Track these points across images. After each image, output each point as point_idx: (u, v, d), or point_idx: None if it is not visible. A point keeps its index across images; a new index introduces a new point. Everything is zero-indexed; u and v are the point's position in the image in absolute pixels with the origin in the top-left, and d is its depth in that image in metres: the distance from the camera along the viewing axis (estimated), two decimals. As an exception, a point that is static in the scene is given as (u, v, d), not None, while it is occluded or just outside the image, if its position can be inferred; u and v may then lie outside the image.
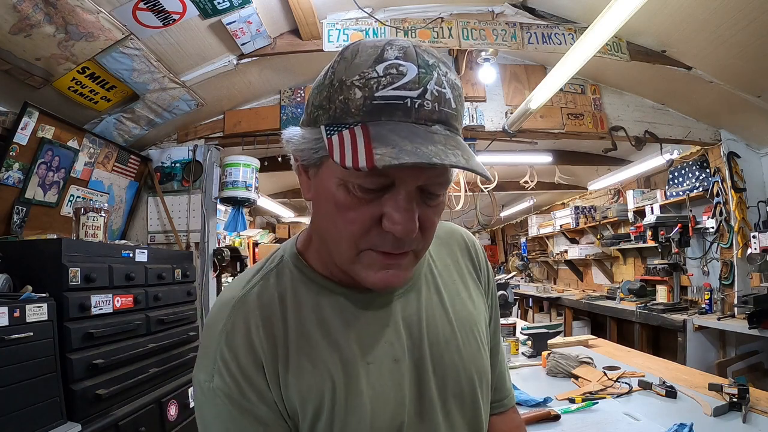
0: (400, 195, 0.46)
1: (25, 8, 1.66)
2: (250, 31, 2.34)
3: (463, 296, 0.65)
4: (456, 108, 0.47)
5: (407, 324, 0.58)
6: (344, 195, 0.47)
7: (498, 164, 3.90)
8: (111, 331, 1.81)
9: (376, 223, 0.47)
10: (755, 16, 2.16)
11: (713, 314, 3.31)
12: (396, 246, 0.48)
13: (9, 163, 2.01)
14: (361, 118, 0.44)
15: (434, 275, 0.64)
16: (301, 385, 0.52)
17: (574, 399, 1.44)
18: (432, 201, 0.50)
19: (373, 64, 0.45)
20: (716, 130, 3.42)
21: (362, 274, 0.51)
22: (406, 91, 0.44)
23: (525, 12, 2.67)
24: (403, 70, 0.44)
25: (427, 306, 0.61)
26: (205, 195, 3.07)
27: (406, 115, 0.44)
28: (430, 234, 0.52)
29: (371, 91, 0.44)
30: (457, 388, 0.59)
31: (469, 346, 0.62)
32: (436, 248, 0.67)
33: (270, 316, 0.55)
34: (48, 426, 1.47)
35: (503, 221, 8.63)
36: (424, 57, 0.46)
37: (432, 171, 0.46)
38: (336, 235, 0.50)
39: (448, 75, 0.47)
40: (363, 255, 0.50)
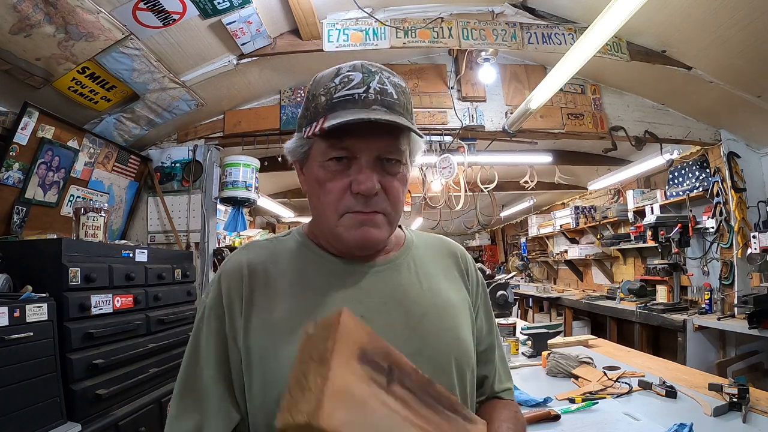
0: (360, 162, 0.62)
1: (25, 8, 1.66)
2: (250, 31, 2.34)
3: (443, 286, 0.73)
4: (397, 98, 0.62)
5: (383, 292, 0.67)
6: (323, 172, 0.63)
7: (498, 164, 3.90)
8: (111, 331, 1.81)
9: (348, 190, 0.62)
10: (755, 16, 2.16)
11: (713, 314, 3.31)
12: (365, 204, 0.62)
13: (9, 163, 2.01)
14: (325, 113, 0.61)
15: (416, 264, 0.73)
16: (270, 317, 0.63)
17: (574, 399, 1.44)
18: (391, 168, 0.63)
19: (332, 78, 0.63)
20: (716, 130, 3.42)
21: (344, 235, 0.63)
22: (354, 90, 0.61)
23: (525, 12, 2.67)
24: (352, 78, 0.62)
25: (406, 284, 0.69)
26: (205, 195, 3.07)
27: (354, 104, 0.60)
28: (395, 200, 0.65)
29: (331, 95, 0.62)
30: (432, 357, 0.64)
31: (447, 322, 0.68)
32: (423, 248, 0.77)
33: (266, 261, 0.68)
34: (48, 426, 1.47)
35: (503, 221, 8.63)
36: (368, 68, 0.63)
37: (382, 141, 0.61)
38: (322, 206, 0.65)
39: (390, 78, 0.64)
40: (343, 219, 0.63)
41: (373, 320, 0.63)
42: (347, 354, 0.42)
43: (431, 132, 3.22)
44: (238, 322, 0.63)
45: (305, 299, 0.64)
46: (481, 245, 10.37)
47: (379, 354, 0.46)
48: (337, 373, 0.39)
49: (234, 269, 0.67)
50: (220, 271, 0.68)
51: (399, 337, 0.63)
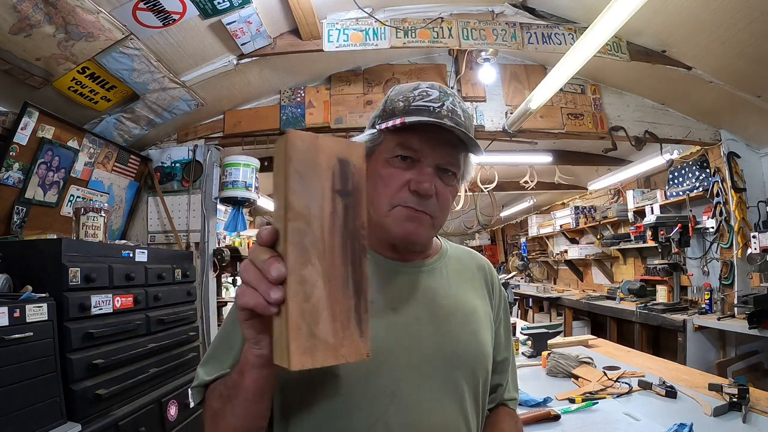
0: (422, 165, 0.68)
1: (25, 8, 1.66)
2: (250, 31, 2.34)
3: (469, 294, 0.79)
4: (464, 121, 0.70)
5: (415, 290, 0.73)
6: (387, 167, 0.69)
7: (498, 164, 3.90)
8: (111, 331, 1.81)
9: (406, 187, 0.68)
10: (755, 16, 2.16)
11: (713, 314, 3.31)
12: (418, 203, 0.67)
13: (9, 163, 2.01)
14: (402, 115, 0.68)
15: (447, 272, 0.79)
16: None
17: (574, 399, 1.44)
18: (447, 179, 0.70)
19: (412, 90, 0.71)
20: (716, 130, 3.42)
21: (392, 225, 0.69)
22: (431, 102, 0.69)
23: (525, 12, 2.67)
24: (430, 93, 0.70)
25: (437, 287, 0.75)
26: (205, 195, 3.07)
27: (429, 114, 0.68)
28: (444, 208, 0.71)
29: (409, 102, 0.70)
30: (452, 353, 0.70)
31: (470, 326, 0.74)
32: (455, 259, 0.83)
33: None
34: (48, 426, 1.47)
35: (503, 221, 8.62)
36: (444, 90, 0.71)
37: (445, 152, 0.68)
38: (377, 196, 0.69)
39: (460, 104, 0.71)
40: (394, 210, 0.68)
41: (403, 312, 0.70)
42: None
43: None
44: None
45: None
46: (481, 245, 10.36)
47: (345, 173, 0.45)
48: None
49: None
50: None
51: (424, 330, 0.69)
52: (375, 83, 3.21)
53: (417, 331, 0.69)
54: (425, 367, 0.67)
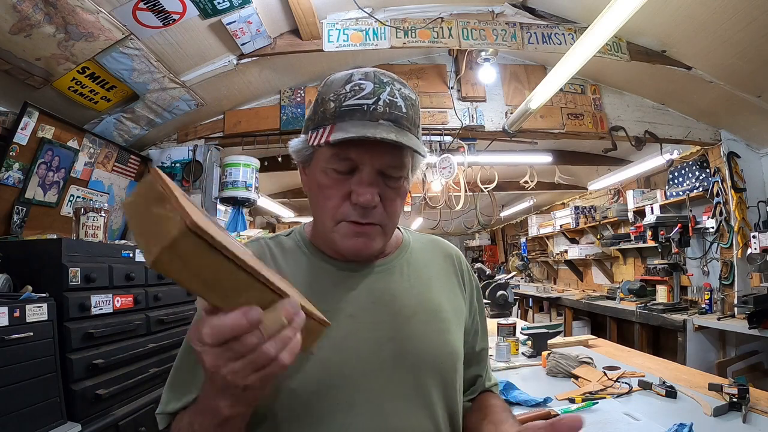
0: (362, 174, 0.62)
1: (25, 8, 1.66)
2: (250, 31, 2.34)
3: (435, 289, 0.74)
4: (406, 112, 0.63)
5: (372, 293, 0.68)
6: (324, 178, 0.64)
7: (498, 164, 3.90)
8: (111, 331, 1.81)
9: (347, 199, 0.63)
10: (755, 16, 2.16)
11: (713, 314, 3.31)
12: (362, 215, 0.63)
13: (9, 163, 2.01)
14: (332, 121, 0.62)
15: (410, 267, 0.75)
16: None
17: (574, 399, 1.44)
18: (391, 183, 0.64)
19: (344, 84, 0.63)
20: (716, 130, 3.42)
21: (339, 242, 0.65)
22: (364, 100, 0.61)
23: (525, 12, 2.67)
24: (363, 87, 0.62)
25: (396, 287, 0.71)
26: (205, 195, 3.07)
27: (362, 115, 0.61)
28: (393, 213, 0.66)
29: (340, 102, 0.62)
30: (415, 357, 0.66)
31: (434, 325, 0.70)
32: (419, 250, 0.78)
33: (265, 256, 0.70)
34: (48, 426, 1.47)
35: (503, 221, 8.63)
36: (380, 77, 0.63)
37: (386, 156, 0.62)
38: (321, 210, 0.66)
39: (401, 90, 0.64)
40: (339, 226, 0.64)
41: (361, 318, 0.65)
42: (181, 193, 0.39)
43: (431, 132, 3.22)
44: None
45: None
46: (481, 245, 10.37)
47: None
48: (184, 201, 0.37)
49: None
50: None
51: (385, 335, 0.65)
52: (375, 83, 3.21)
53: (375, 336, 0.65)
54: (385, 374, 0.64)
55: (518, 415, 1.28)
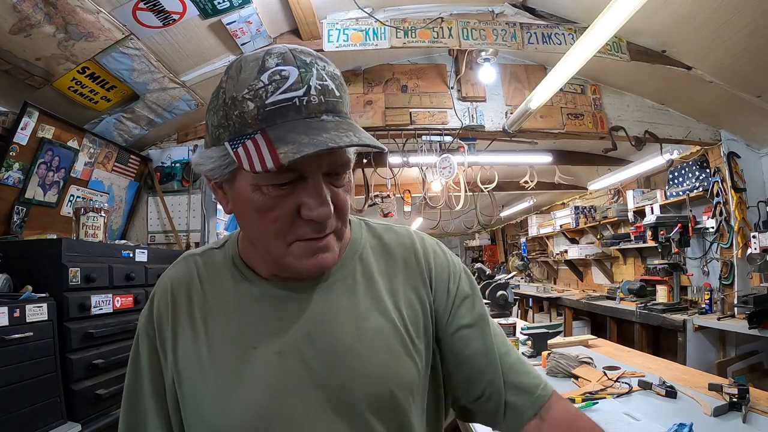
0: (311, 184, 0.51)
1: (25, 8, 1.66)
2: (250, 31, 2.34)
3: (389, 298, 0.62)
4: (340, 95, 0.52)
5: (308, 322, 0.58)
6: (260, 198, 0.51)
7: (498, 164, 3.90)
8: (111, 331, 1.81)
9: (297, 215, 0.52)
10: (755, 16, 2.16)
11: (713, 314, 3.31)
12: (319, 230, 0.53)
13: (9, 163, 2.01)
14: (259, 126, 0.48)
15: (356, 280, 0.62)
16: (190, 346, 0.58)
17: (574, 399, 1.44)
18: (338, 182, 0.54)
19: (258, 75, 0.49)
20: (716, 130, 3.42)
21: (296, 264, 0.55)
22: (293, 92, 0.48)
23: (525, 12, 2.67)
24: (285, 74, 0.48)
25: (337, 309, 0.59)
26: (205, 195, 3.07)
27: (297, 113, 0.48)
28: (343, 213, 0.56)
29: (262, 100, 0.48)
30: (356, 398, 0.55)
31: (378, 356, 0.57)
32: (374, 249, 0.66)
33: (188, 282, 0.63)
34: (48, 426, 1.47)
35: (503, 221, 8.63)
36: (301, 58, 0.50)
37: (332, 156, 0.51)
38: (264, 236, 0.54)
39: (326, 68, 0.51)
40: (292, 247, 0.54)
41: (291, 355, 0.56)
42: None
43: (431, 132, 3.22)
44: (168, 344, 0.59)
45: (225, 329, 0.58)
46: (481, 245, 10.37)
47: None
48: None
49: (163, 287, 0.64)
50: (154, 289, 0.65)
51: (319, 374, 0.55)
52: (375, 83, 3.21)
53: (309, 376, 0.55)
54: (323, 420, 0.54)
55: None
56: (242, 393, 0.54)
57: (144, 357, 0.62)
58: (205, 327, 0.59)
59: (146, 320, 0.63)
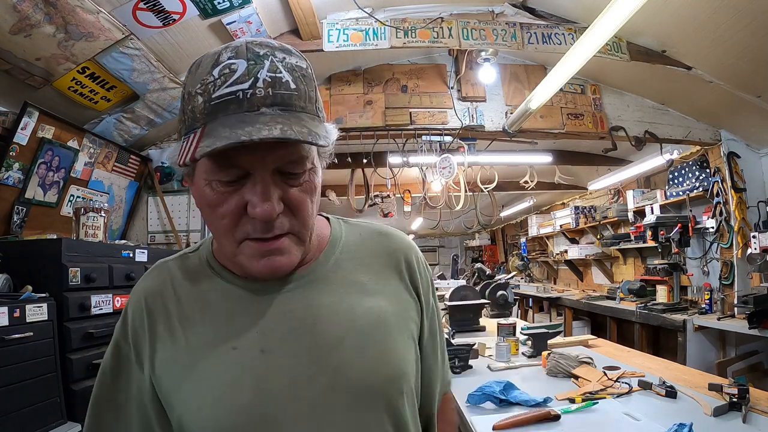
0: (255, 181, 0.49)
1: (25, 8, 1.66)
2: (250, 31, 2.34)
3: (376, 298, 0.61)
4: (296, 88, 0.50)
5: (289, 318, 0.57)
6: (211, 193, 0.51)
7: (498, 164, 3.90)
8: (111, 331, 1.79)
9: (244, 213, 0.51)
10: (755, 15, 2.16)
11: (713, 314, 3.31)
12: (265, 230, 0.51)
13: (9, 163, 2.01)
14: (204, 121, 0.48)
15: (339, 275, 0.62)
16: (170, 354, 0.56)
17: (574, 399, 1.44)
18: (293, 180, 0.52)
19: (210, 69, 0.49)
20: (716, 130, 3.42)
21: (247, 264, 0.54)
22: (238, 86, 0.47)
23: (525, 12, 2.67)
24: (234, 68, 0.48)
25: (319, 304, 0.58)
26: (205, 195, 3.07)
27: (239, 107, 0.47)
28: (303, 214, 0.54)
29: (209, 95, 0.48)
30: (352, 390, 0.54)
31: (374, 347, 0.57)
32: (355, 247, 0.66)
33: (164, 290, 0.60)
34: (48, 426, 1.47)
35: (503, 221, 8.63)
36: (255, 50, 0.49)
37: (279, 151, 0.49)
38: (216, 231, 0.54)
39: (285, 60, 0.50)
40: (243, 246, 0.53)
41: (276, 352, 0.54)
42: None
43: (431, 132, 3.22)
44: (145, 356, 0.57)
45: (204, 332, 0.56)
46: (481, 245, 10.37)
47: None
48: None
49: (136, 299, 0.61)
50: (128, 301, 0.62)
51: (308, 370, 0.54)
52: (375, 83, 3.21)
53: (297, 373, 0.54)
54: (318, 417, 0.53)
55: (518, 415, 1.28)
56: (229, 395, 0.52)
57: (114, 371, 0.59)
58: (184, 332, 0.56)
59: (120, 335, 0.60)
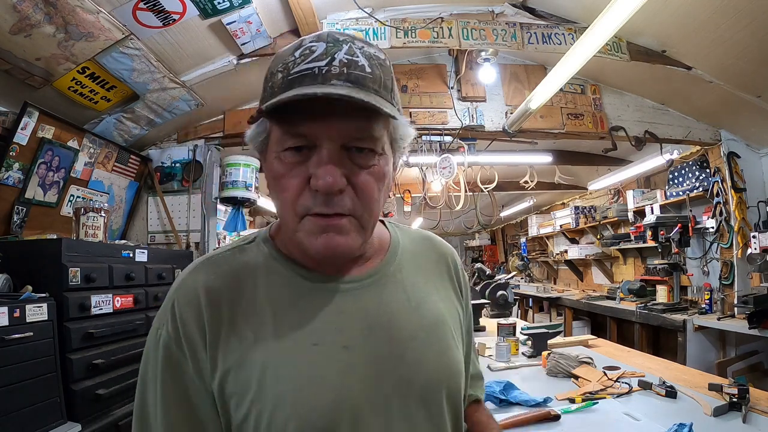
0: (321, 152, 0.51)
1: (25, 8, 1.66)
2: (250, 31, 2.34)
3: (434, 299, 0.64)
4: (371, 72, 0.51)
5: (366, 315, 0.57)
6: (279, 165, 0.53)
7: (498, 164, 3.90)
8: (111, 331, 1.81)
9: (307, 186, 0.51)
10: (755, 15, 2.16)
11: (713, 314, 3.31)
12: (326, 204, 0.51)
13: (9, 163, 2.01)
14: (280, 93, 0.50)
15: (403, 276, 0.63)
16: (239, 352, 0.53)
17: (574, 399, 1.44)
18: (361, 159, 0.52)
19: (292, 51, 0.52)
20: (716, 130, 3.42)
21: (305, 242, 0.53)
22: (315, 63, 0.50)
23: (525, 12, 2.67)
24: (313, 49, 0.51)
25: (391, 302, 0.60)
26: (205, 195, 3.07)
27: (313, 80, 0.49)
28: (369, 199, 0.53)
29: (288, 71, 0.51)
30: (421, 387, 0.56)
31: (437, 346, 0.60)
32: (411, 252, 0.68)
33: (224, 285, 0.57)
34: (48, 426, 1.47)
35: (503, 221, 8.63)
36: (335, 36, 0.52)
37: (348, 126, 0.50)
38: (281, 206, 0.55)
39: (364, 49, 0.53)
40: (303, 222, 0.53)
41: (357, 350, 0.55)
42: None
43: (431, 132, 3.22)
44: (203, 362, 0.53)
45: (276, 329, 0.54)
46: (481, 245, 10.37)
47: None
48: None
49: (189, 298, 0.55)
50: (172, 299, 0.56)
51: (385, 368, 0.55)
52: (375, 83, 3.21)
53: (375, 369, 0.55)
54: (394, 411, 0.54)
55: (518, 415, 1.28)
56: (312, 393, 0.52)
57: (165, 380, 0.53)
58: (253, 330, 0.54)
59: (167, 338, 0.54)
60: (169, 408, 0.52)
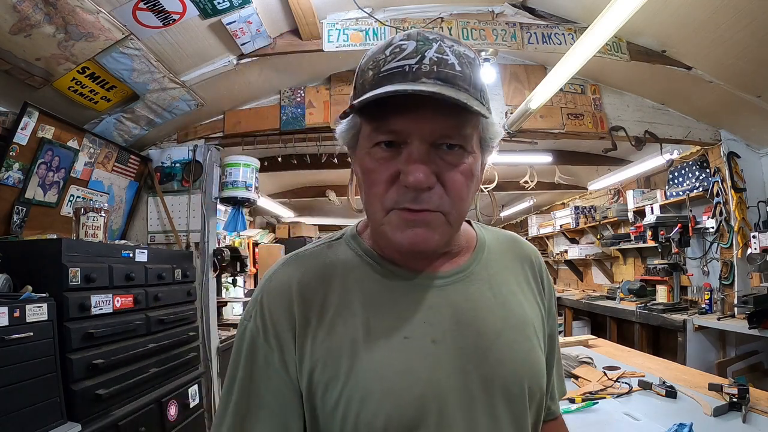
0: (411, 149, 0.51)
1: (25, 8, 1.66)
2: (250, 31, 2.34)
3: (519, 298, 0.64)
4: (461, 71, 0.52)
5: (454, 310, 0.58)
6: (370, 160, 0.54)
7: (498, 164, 3.90)
8: (111, 331, 1.81)
9: (396, 181, 0.52)
10: (755, 15, 2.16)
11: (713, 314, 3.31)
12: (414, 200, 0.52)
13: (9, 163, 2.01)
14: (371, 89, 0.50)
15: (489, 273, 0.64)
16: (329, 343, 0.55)
17: (574, 399, 1.44)
18: (450, 157, 0.53)
19: (383, 49, 0.54)
20: (716, 130, 3.42)
21: (391, 235, 0.54)
22: (406, 61, 0.51)
23: (525, 12, 2.67)
24: (404, 47, 0.52)
25: (478, 298, 0.60)
26: (205, 195, 3.07)
27: (403, 78, 0.50)
28: (457, 196, 0.54)
29: (379, 69, 0.52)
30: (505, 384, 0.56)
31: (522, 344, 0.60)
32: (496, 251, 0.68)
33: (316, 278, 0.59)
34: (48, 426, 1.47)
35: (503, 221, 8.62)
36: (425, 35, 0.53)
37: (437, 123, 0.51)
38: (368, 200, 0.55)
39: (453, 47, 0.53)
40: (390, 216, 0.53)
41: (445, 344, 0.56)
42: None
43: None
44: (290, 354, 0.55)
45: (367, 322, 0.56)
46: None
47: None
48: None
49: (280, 290, 0.58)
50: (262, 292, 0.60)
51: (471, 363, 0.56)
52: (375, 83, 3.21)
53: (462, 364, 0.55)
54: (479, 408, 0.55)
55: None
56: (401, 386, 0.53)
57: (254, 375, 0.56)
58: (343, 323, 0.56)
59: (255, 334, 0.57)
60: (252, 396, 0.55)
